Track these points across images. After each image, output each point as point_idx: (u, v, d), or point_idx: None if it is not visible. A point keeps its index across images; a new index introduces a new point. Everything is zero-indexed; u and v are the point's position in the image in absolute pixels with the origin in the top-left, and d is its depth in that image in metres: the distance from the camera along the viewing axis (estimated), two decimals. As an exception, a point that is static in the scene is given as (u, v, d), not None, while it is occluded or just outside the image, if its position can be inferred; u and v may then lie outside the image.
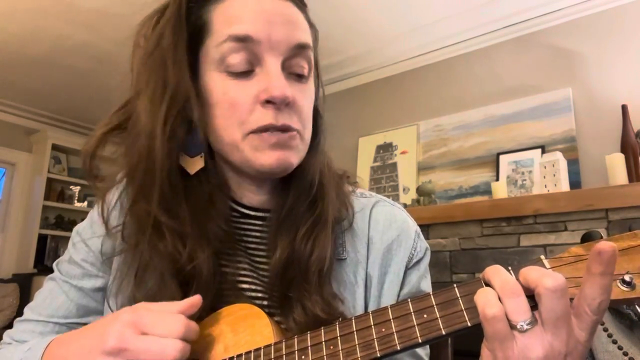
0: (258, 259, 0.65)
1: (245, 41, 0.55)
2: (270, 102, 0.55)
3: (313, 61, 0.62)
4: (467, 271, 2.33)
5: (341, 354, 0.46)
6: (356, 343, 0.46)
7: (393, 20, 2.78)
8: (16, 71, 3.48)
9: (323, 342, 0.48)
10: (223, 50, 0.56)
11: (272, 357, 0.50)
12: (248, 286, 0.63)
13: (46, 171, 4.17)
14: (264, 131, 0.56)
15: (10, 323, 3.35)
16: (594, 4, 2.38)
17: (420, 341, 0.43)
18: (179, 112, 0.57)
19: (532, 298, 0.40)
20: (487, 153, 2.58)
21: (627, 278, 0.40)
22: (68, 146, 4.35)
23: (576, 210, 2.04)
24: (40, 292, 0.68)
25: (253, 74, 0.57)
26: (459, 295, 0.43)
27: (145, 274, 0.58)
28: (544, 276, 0.39)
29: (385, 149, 3.00)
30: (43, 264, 4.03)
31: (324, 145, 0.67)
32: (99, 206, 0.63)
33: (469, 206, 2.37)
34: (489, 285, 0.42)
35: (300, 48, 0.58)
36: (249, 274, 0.64)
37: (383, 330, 0.45)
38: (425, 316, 0.44)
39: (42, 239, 4.11)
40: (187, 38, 0.58)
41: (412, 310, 0.45)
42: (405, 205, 2.63)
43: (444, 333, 0.43)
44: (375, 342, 0.45)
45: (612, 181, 2.05)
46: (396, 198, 2.82)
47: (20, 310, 2.32)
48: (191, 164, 0.60)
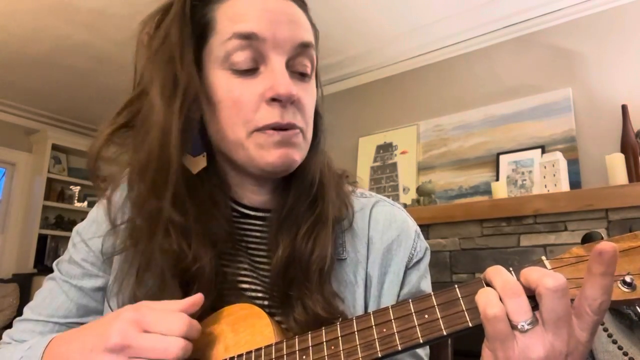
0: (258, 259, 0.65)
1: (250, 39, 0.56)
2: (275, 100, 0.56)
3: (315, 60, 0.62)
4: (467, 271, 2.33)
5: (342, 354, 0.46)
6: (357, 343, 0.46)
7: (393, 20, 2.78)
8: (16, 71, 3.48)
9: (324, 342, 0.48)
10: (228, 48, 0.56)
11: (273, 357, 0.50)
12: (248, 286, 0.63)
13: (46, 171, 4.17)
14: (269, 129, 0.56)
15: (10, 323, 3.34)
16: (594, 4, 2.38)
17: (421, 341, 0.43)
18: (189, 109, 0.57)
19: (533, 298, 0.40)
20: (487, 153, 2.58)
21: (628, 279, 0.40)
22: (68, 146, 4.35)
23: (576, 210, 2.03)
24: (40, 292, 0.68)
25: (258, 72, 0.57)
26: (460, 295, 0.43)
27: (146, 273, 0.58)
28: (545, 276, 0.39)
29: (385, 149, 3.00)
30: (43, 264, 4.03)
31: (324, 145, 0.67)
32: (106, 206, 0.62)
33: (469, 206, 2.37)
34: (490, 285, 0.42)
35: (303, 47, 0.59)
36: (249, 274, 0.64)
37: (384, 330, 0.45)
38: (426, 316, 0.44)
39: (42, 239, 4.11)
40: (192, 36, 0.58)
41: (413, 310, 0.45)
42: (405, 205, 2.63)
43: (445, 334, 0.43)
44: (376, 343, 0.45)
45: (612, 181, 2.05)
46: (396, 198, 2.82)
47: (20, 310, 2.32)
48: (194, 163, 0.60)
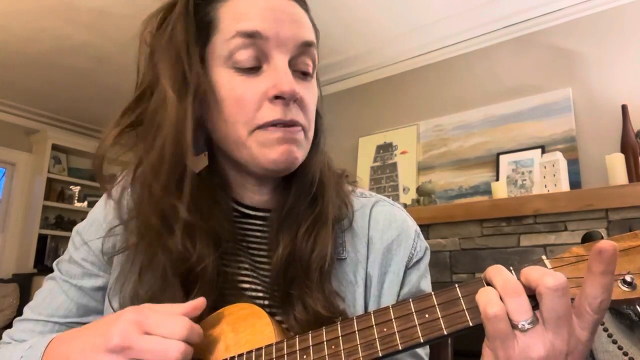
0: (259, 259, 0.65)
1: (253, 37, 0.56)
2: (279, 98, 0.56)
3: (317, 60, 0.62)
4: (467, 271, 2.32)
5: (343, 354, 0.46)
6: (358, 343, 0.46)
7: (393, 20, 2.78)
8: (16, 71, 3.48)
9: (324, 342, 0.48)
10: (231, 46, 0.56)
11: (274, 357, 0.50)
12: (249, 286, 0.63)
13: (46, 171, 4.16)
14: (271, 126, 0.56)
15: (10, 323, 3.34)
16: (594, 4, 2.38)
17: (422, 341, 0.43)
18: (198, 107, 0.57)
19: (534, 298, 0.40)
20: (487, 153, 2.58)
21: (628, 278, 0.40)
22: (68, 146, 4.35)
23: (576, 210, 2.03)
24: (40, 292, 0.68)
25: (260, 71, 0.57)
26: (461, 295, 0.43)
27: (148, 272, 0.58)
28: (545, 275, 0.39)
29: (385, 149, 3.00)
30: (43, 264, 4.03)
31: (324, 145, 0.67)
32: (114, 206, 0.62)
33: (469, 206, 2.37)
34: (491, 284, 0.42)
35: (306, 46, 0.59)
36: (250, 274, 0.64)
37: (385, 330, 0.45)
38: (426, 316, 0.44)
39: (42, 239, 4.11)
40: (196, 34, 0.58)
41: (414, 310, 0.45)
42: (405, 205, 2.63)
43: (446, 333, 0.43)
44: (377, 342, 0.45)
45: (612, 181, 2.05)
46: (396, 198, 2.82)
47: (20, 310, 2.32)
48: (196, 163, 0.59)
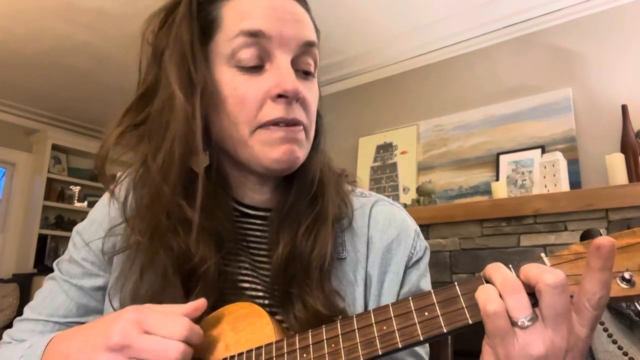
0: (259, 259, 0.65)
1: (257, 36, 0.56)
2: (281, 97, 0.56)
3: (318, 60, 0.62)
4: (467, 271, 2.32)
5: (342, 352, 0.46)
6: (358, 341, 0.46)
7: (393, 20, 2.78)
8: (16, 71, 3.48)
9: (324, 340, 0.48)
10: (234, 45, 0.56)
11: (274, 356, 0.50)
12: (249, 285, 0.63)
13: (46, 171, 4.16)
14: (273, 125, 0.56)
15: (10, 323, 3.34)
16: (594, 4, 2.38)
17: (421, 339, 0.43)
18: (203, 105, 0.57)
19: (533, 296, 0.40)
20: (487, 153, 2.58)
21: (627, 275, 0.40)
22: (68, 146, 4.35)
23: (576, 210, 2.03)
24: (40, 292, 0.68)
25: (263, 70, 0.57)
26: (460, 293, 0.44)
27: (149, 271, 0.58)
28: (544, 272, 0.39)
29: (385, 149, 3.00)
30: (43, 264, 4.03)
31: (324, 145, 0.67)
32: (119, 206, 0.62)
33: (469, 206, 2.37)
34: (490, 282, 0.43)
35: (308, 46, 0.60)
36: (250, 274, 0.64)
37: (384, 328, 0.45)
38: (426, 314, 0.44)
39: (42, 239, 4.11)
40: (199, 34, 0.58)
41: (414, 308, 0.45)
42: (405, 205, 2.63)
43: (445, 331, 0.43)
44: (376, 340, 0.45)
45: (612, 181, 2.05)
46: (396, 198, 2.82)
47: (20, 310, 2.32)
48: (197, 162, 0.59)
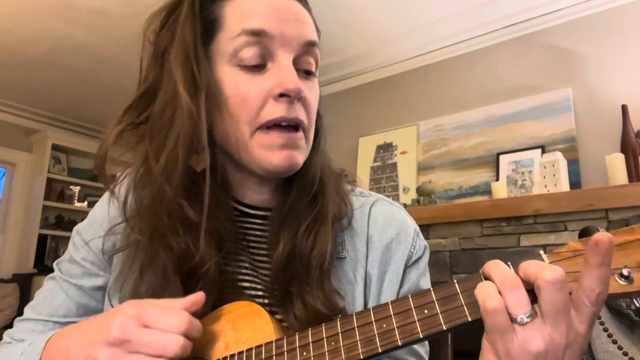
0: (259, 258, 0.65)
1: (259, 35, 0.56)
2: (283, 96, 0.56)
3: (319, 60, 0.63)
4: (467, 271, 2.33)
5: (342, 350, 0.46)
6: (357, 339, 0.46)
7: (393, 20, 2.78)
8: (16, 71, 3.48)
9: (324, 339, 0.48)
10: (236, 44, 0.57)
11: (273, 354, 0.50)
12: (249, 284, 0.63)
13: (46, 171, 4.17)
14: (275, 125, 0.56)
15: (10, 323, 3.35)
16: (594, 4, 2.38)
17: (421, 336, 0.43)
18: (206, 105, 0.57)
19: (532, 292, 0.41)
20: (487, 153, 2.58)
21: (625, 272, 0.40)
22: (68, 146, 4.36)
23: (576, 210, 2.03)
24: (40, 292, 0.68)
25: (265, 69, 0.57)
26: (459, 290, 0.44)
27: (149, 271, 0.58)
28: (543, 269, 0.39)
29: (385, 149, 3.00)
30: (43, 264, 4.03)
31: (324, 145, 0.67)
32: (119, 205, 0.62)
33: (469, 206, 2.37)
34: (489, 279, 0.43)
35: (310, 46, 0.60)
36: (250, 273, 0.64)
37: (384, 326, 0.45)
38: (426, 312, 0.44)
39: (42, 239, 4.11)
40: (202, 33, 0.58)
41: (413, 306, 0.45)
42: (405, 205, 2.63)
43: (445, 328, 0.43)
44: (376, 338, 0.45)
45: (612, 181, 2.05)
46: (396, 198, 2.82)
47: (20, 310, 2.32)
48: (197, 161, 0.59)
